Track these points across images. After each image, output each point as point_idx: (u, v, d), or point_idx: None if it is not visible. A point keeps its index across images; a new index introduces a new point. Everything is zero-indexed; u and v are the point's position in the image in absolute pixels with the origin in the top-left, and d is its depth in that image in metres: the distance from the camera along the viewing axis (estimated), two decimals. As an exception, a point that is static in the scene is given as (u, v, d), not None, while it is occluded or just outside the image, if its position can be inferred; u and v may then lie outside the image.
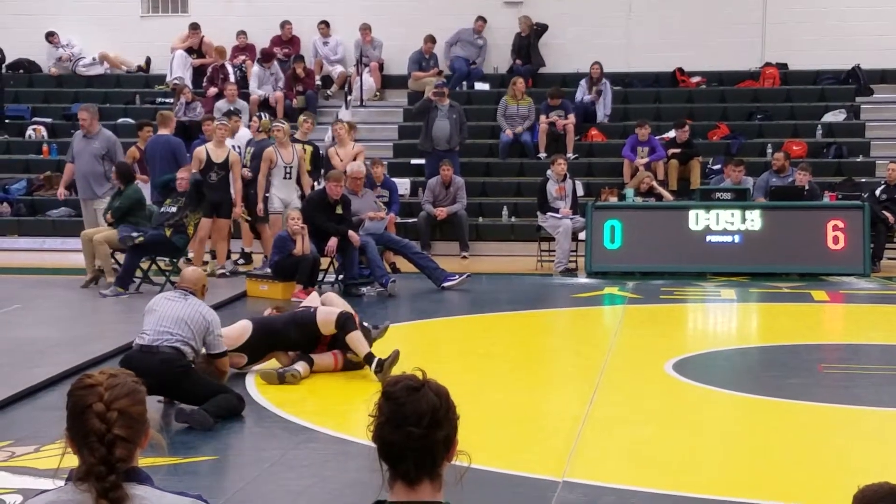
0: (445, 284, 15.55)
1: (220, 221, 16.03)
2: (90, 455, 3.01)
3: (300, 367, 10.32)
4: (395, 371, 10.16)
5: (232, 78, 21.85)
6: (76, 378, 3.15)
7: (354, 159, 17.39)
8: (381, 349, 10.51)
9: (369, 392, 9.50)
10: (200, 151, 16.08)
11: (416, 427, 3.01)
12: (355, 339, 10.36)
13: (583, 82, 21.57)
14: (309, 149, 17.13)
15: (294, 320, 10.62)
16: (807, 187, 17.57)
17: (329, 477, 7.60)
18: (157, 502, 3.05)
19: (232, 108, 19.35)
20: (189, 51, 23.22)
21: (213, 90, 21.73)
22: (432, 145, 19.56)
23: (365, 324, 11.01)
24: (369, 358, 10.28)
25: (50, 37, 23.80)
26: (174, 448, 7.80)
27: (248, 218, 17.03)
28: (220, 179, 15.97)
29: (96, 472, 3.00)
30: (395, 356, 10.16)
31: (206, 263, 16.47)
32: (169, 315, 8.98)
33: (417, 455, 3.03)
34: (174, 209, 14.97)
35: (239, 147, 17.14)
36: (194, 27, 23.27)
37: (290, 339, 10.53)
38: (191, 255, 16.78)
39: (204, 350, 9.20)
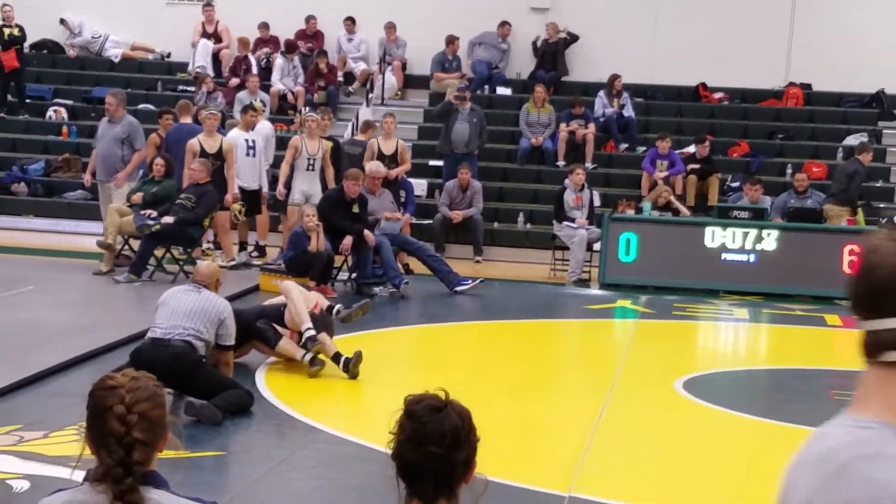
0: (458, 289, 15.53)
1: (220, 214, 15.97)
2: (108, 457, 3.01)
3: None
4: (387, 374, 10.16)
5: (255, 69, 21.87)
6: (98, 378, 3.14)
7: (396, 155, 17.45)
8: (378, 349, 10.51)
9: (379, 392, 9.56)
10: (193, 143, 16.07)
11: (437, 447, 3.00)
12: (323, 340, 10.52)
13: (602, 94, 21.47)
14: (329, 144, 17.12)
15: (264, 314, 10.71)
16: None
17: (335, 479, 7.59)
18: (173, 507, 3.04)
19: (252, 100, 19.34)
20: (205, 37, 23.24)
21: (234, 81, 21.75)
22: (451, 148, 19.55)
23: (338, 306, 11.15)
24: (336, 357, 10.42)
25: (62, 22, 23.88)
26: (182, 441, 7.80)
27: (240, 217, 16.81)
28: (216, 170, 15.91)
29: (114, 474, 3.00)
30: (357, 356, 10.32)
31: (205, 253, 16.48)
32: (182, 308, 8.99)
33: (436, 475, 3.03)
34: (191, 203, 14.97)
35: (253, 140, 17.06)
36: (207, 5, 23.28)
37: (260, 330, 10.60)
38: (206, 245, 16.82)
39: (214, 341, 9.20)
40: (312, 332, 10.42)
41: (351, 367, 10.25)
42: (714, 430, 9.78)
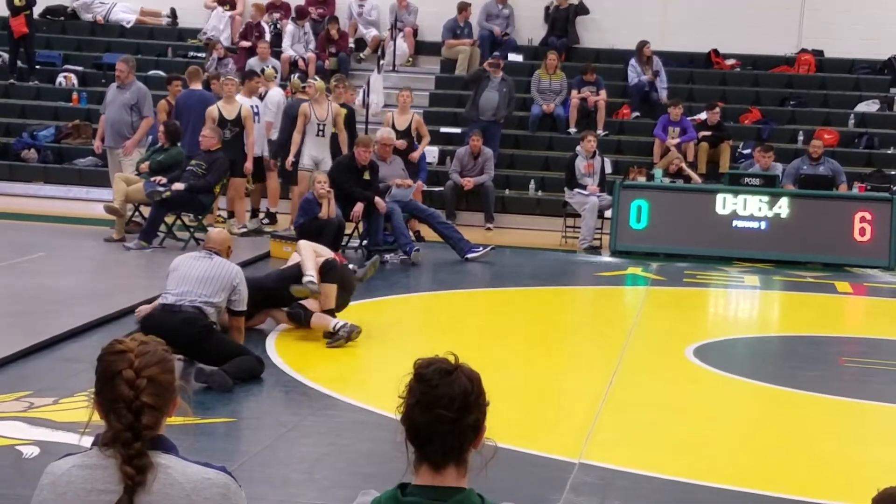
0: (469, 256, 15.51)
1: (235, 180, 15.95)
2: (117, 421, 3.00)
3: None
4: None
5: (267, 36, 21.81)
6: (107, 343, 3.13)
7: (409, 130, 17.38)
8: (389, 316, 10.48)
9: (390, 359, 9.58)
10: (212, 110, 16.01)
11: (447, 410, 2.99)
12: (327, 290, 10.62)
13: (633, 62, 21.31)
14: (343, 111, 17.04)
15: (283, 277, 10.76)
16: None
17: (346, 446, 7.60)
18: (182, 471, 3.04)
19: (264, 67, 19.29)
20: (220, 2, 23.19)
21: (244, 43, 21.70)
22: (478, 114, 19.53)
23: (351, 266, 11.16)
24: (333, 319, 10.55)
25: None
26: (192, 408, 7.80)
27: (249, 185, 16.82)
28: (234, 136, 15.88)
29: (122, 438, 2.99)
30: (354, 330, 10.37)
31: (223, 222, 16.48)
32: (193, 275, 8.99)
33: (445, 439, 3.01)
34: (202, 170, 14.95)
35: (257, 107, 17.02)
36: None
37: (282, 296, 10.58)
38: (218, 213, 16.82)
39: (226, 306, 9.21)
40: (311, 278, 10.46)
41: (342, 334, 10.24)
42: (724, 398, 9.78)
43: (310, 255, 10.77)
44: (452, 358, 3.09)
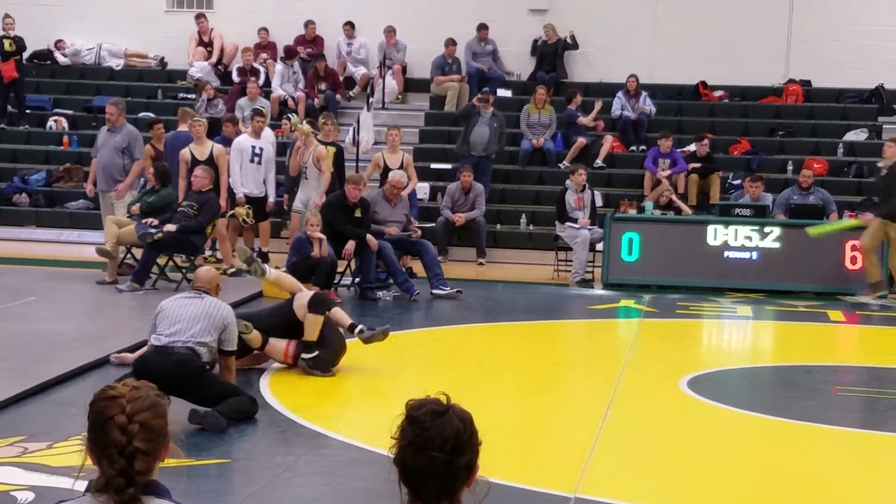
0: (435, 291, 15.44)
1: (218, 221, 15.93)
2: (110, 467, 3.01)
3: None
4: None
5: (262, 77, 21.90)
6: (99, 389, 3.14)
7: (402, 167, 17.42)
8: (383, 353, 10.50)
9: (384, 396, 9.57)
10: (184, 153, 16.13)
11: (440, 452, 3.00)
12: (336, 314, 10.85)
13: (620, 95, 21.43)
14: (332, 150, 17.10)
15: (274, 312, 10.81)
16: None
17: (340, 485, 7.58)
18: (175, 516, 3.04)
19: (257, 108, 19.35)
20: (203, 45, 23.30)
21: (236, 87, 21.79)
22: (469, 150, 19.60)
23: (361, 326, 11.10)
24: (353, 327, 10.80)
25: (58, 43, 23.90)
26: (185, 449, 7.78)
27: (248, 221, 16.81)
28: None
29: (115, 484, 3.00)
30: (385, 331, 10.83)
31: (215, 262, 16.49)
32: (186, 315, 8.95)
33: (439, 480, 3.02)
34: (193, 210, 14.97)
35: (261, 148, 17.07)
36: (200, 17, 23.34)
37: (275, 331, 10.58)
38: (209, 253, 16.84)
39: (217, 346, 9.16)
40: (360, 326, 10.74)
41: (374, 336, 10.66)
42: (719, 429, 9.77)
43: (293, 282, 10.97)
44: (444, 398, 3.10)
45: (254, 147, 16.93)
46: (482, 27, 22.56)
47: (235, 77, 22.41)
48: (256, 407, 9.12)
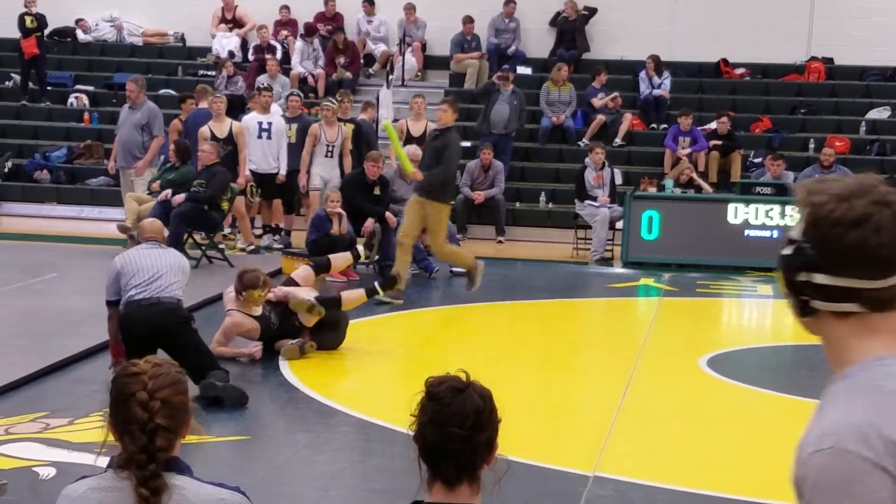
0: (454, 269, 15.37)
1: (236, 199, 15.92)
2: (131, 443, 3.02)
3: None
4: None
5: (279, 53, 21.89)
6: (121, 366, 3.15)
7: (425, 136, 17.41)
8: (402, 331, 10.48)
9: (403, 374, 9.57)
10: (203, 130, 16.14)
11: (460, 428, 3.00)
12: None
13: (643, 75, 21.35)
14: (350, 126, 17.11)
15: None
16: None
17: (359, 462, 7.62)
18: (196, 493, 3.05)
19: (270, 83, 19.35)
20: (226, 22, 23.27)
21: (254, 64, 21.78)
22: (489, 128, 19.57)
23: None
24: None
25: (78, 22, 23.91)
26: (206, 427, 7.79)
27: (254, 198, 16.80)
28: (227, 154, 15.90)
29: (137, 460, 3.01)
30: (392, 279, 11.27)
31: (226, 237, 16.55)
32: (160, 266, 8.68)
33: (459, 457, 3.03)
34: (203, 188, 14.96)
35: (269, 123, 17.06)
36: None
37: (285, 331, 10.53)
38: (227, 230, 16.86)
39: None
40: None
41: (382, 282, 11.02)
42: (738, 408, 9.76)
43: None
44: (464, 375, 3.10)
45: (261, 123, 16.90)
46: (508, 2, 22.47)
47: (251, 55, 22.39)
48: (241, 393, 8.81)
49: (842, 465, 2.17)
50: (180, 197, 14.79)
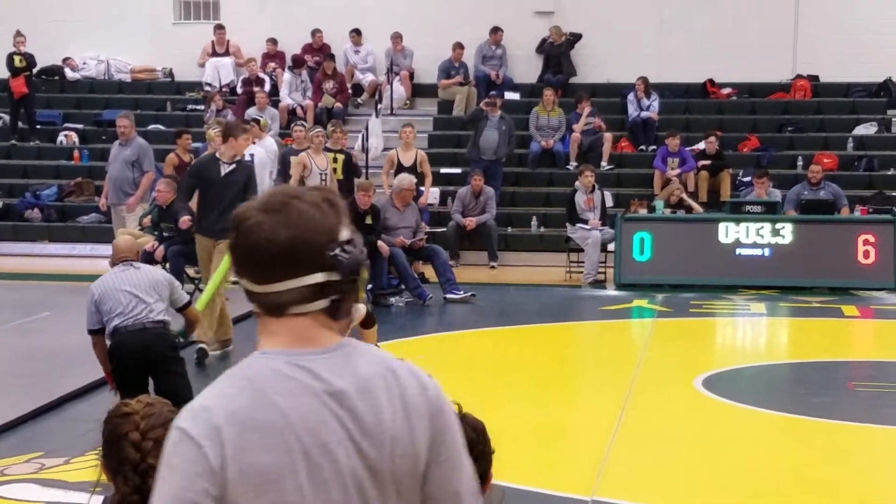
0: (448, 296, 15.47)
1: None
2: (124, 484, 3.03)
3: None
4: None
5: (267, 86, 21.93)
6: (113, 405, 3.16)
7: (416, 166, 17.45)
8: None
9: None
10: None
11: (453, 462, 3.00)
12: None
13: (631, 97, 21.41)
14: (341, 157, 17.13)
15: None
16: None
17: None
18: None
19: (259, 116, 19.38)
20: (216, 55, 23.34)
21: (243, 97, 21.82)
22: (479, 154, 19.62)
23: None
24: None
25: (66, 61, 23.97)
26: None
27: None
28: None
29: (130, 501, 3.01)
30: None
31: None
32: (139, 286, 8.25)
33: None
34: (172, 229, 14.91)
35: (252, 155, 17.08)
36: (220, 28, 23.38)
37: None
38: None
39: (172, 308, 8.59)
40: None
41: None
42: (735, 427, 9.76)
43: None
44: (457, 407, 3.11)
45: (248, 155, 16.87)
46: (496, 30, 22.55)
47: (239, 88, 22.44)
48: None
49: (173, 437, 2.36)
50: (160, 251, 14.68)
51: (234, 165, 12.06)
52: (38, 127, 22.52)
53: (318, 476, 2.30)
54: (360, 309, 7.84)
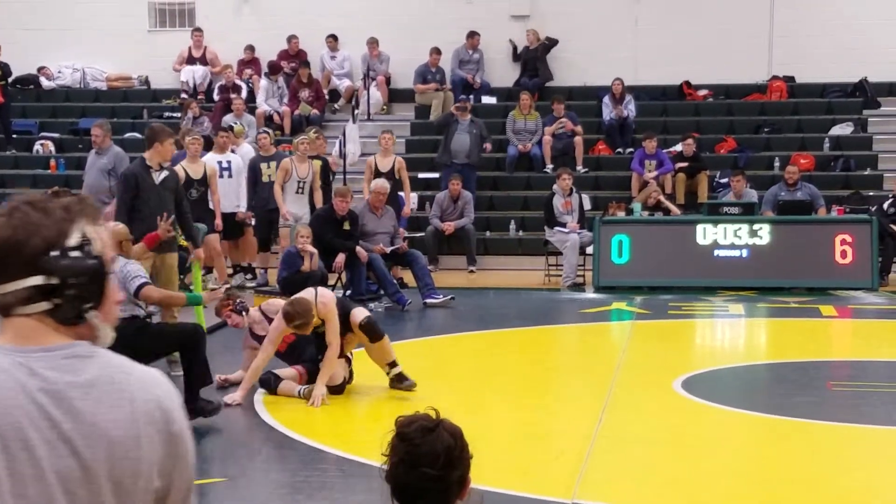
0: (427, 301, 15.49)
1: (210, 238, 15.80)
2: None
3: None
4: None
5: (244, 93, 21.91)
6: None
7: (393, 172, 17.45)
8: (377, 366, 10.49)
9: (379, 409, 9.53)
10: (178, 170, 16.00)
11: (431, 468, 3.01)
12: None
13: (606, 100, 21.46)
14: (318, 163, 17.13)
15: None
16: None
17: (338, 500, 7.59)
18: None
19: (235, 123, 19.37)
20: (193, 61, 23.32)
21: (220, 104, 21.80)
22: (450, 159, 19.63)
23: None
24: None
25: (41, 70, 23.92)
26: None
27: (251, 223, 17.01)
28: (201, 196, 15.78)
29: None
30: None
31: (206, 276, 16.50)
32: None
33: (431, 496, 3.04)
34: None
35: (228, 162, 17.09)
36: (197, 31, 23.37)
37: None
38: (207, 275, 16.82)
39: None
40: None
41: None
42: (714, 429, 9.79)
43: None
44: (434, 413, 3.11)
45: (220, 163, 16.88)
46: (473, 34, 22.58)
47: (216, 95, 22.42)
48: (201, 331, 9.16)
49: None
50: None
51: (165, 172, 11.90)
52: (14, 136, 22.46)
53: (15, 469, 2.28)
54: (338, 375, 7.53)
